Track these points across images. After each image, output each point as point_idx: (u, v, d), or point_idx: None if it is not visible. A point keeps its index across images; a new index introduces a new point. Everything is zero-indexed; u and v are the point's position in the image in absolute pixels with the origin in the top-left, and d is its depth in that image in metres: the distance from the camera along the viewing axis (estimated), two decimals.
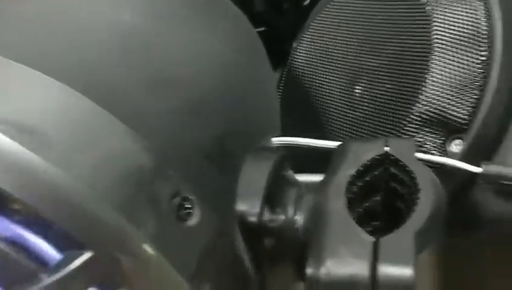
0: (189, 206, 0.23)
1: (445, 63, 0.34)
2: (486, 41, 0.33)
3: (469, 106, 0.33)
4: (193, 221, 0.23)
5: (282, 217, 0.29)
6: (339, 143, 0.32)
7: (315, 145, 0.34)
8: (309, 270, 0.26)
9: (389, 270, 0.24)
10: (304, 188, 0.31)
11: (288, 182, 0.31)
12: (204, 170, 0.26)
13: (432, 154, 0.34)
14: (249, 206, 0.28)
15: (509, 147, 0.33)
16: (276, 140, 0.34)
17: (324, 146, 0.34)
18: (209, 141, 0.27)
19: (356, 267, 0.25)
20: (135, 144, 0.22)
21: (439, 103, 0.34)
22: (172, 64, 0.28)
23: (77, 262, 0.20)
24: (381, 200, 0.32)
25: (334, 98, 0.42)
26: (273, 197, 0.29)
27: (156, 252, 0.22)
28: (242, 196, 0.28)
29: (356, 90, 0.40)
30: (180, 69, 0.28)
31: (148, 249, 0.21)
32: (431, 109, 0.34)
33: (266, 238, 0.28)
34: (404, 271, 0.24)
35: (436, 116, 0.34)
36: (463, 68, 0.33)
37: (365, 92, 0.39)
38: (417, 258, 0.25)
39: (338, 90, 0.41)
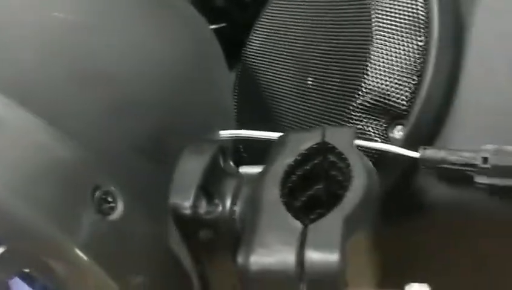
0: (111, 200, 0.24)
1: (384, 51, 0.34)
2: (424, 28, 0.33)
3: (408, 92, 0.33)
4: (115, 215, 0.24)
5: (219, 208, 0.29)
6: (280, 134, 0.33)
7: (258, 137, 0.35)
8: (239, 260, 0.26)
9: (315, 256, 0.25)
10: (244, 179, 0.31)
11: (227, 174, 0.31)
12: (134, 164, 0.26)
13: (375, 141, 0.34)
14: (182, 198, 0.28)
15: (450, 131, 0.33)
16: (220, 134, 0.34)
17: (267, 138, 0.34)
18: (142, 136, 0.27)
19: (283, 255, 0.25)
20: (53, 140, 0.23)
21: (380, 90, 0.34)
22: (102, 62, 0.28)
23: None
24: (324, 188, 0.32)
25: (286, 90, 0.42)
26: (210, 189, 0.29)
27: (78, 247, 0.22)
28: (176, 188, 0.28)
29: (308, 82, 0.40)
30: (110, 66, 0.28)
31: (67, 242, 0.22)
32: (372, 97, 0.34)
33: (202, 231, 0.28)
34: (330, 256, 0.24)
35: (377, 103, 0.34)
36: (402, 55, 0.33)
37: (315, 83, 0.40)
38: (346, 244, 0.25)
39: (290, 82, 0.42)
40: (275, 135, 0.33)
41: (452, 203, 0.32)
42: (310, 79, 0.40)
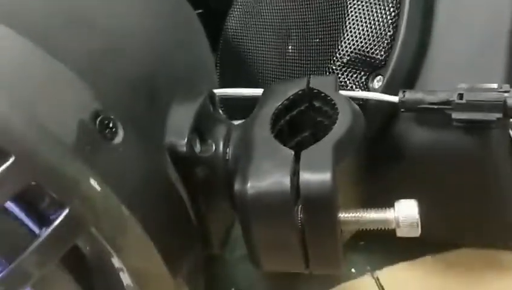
0: (112, 126, 0.24)
1: (361, 6, 0.36)
2: None
3: (385, 43, 0.35)
4: (117, 139, 0.25)
5: (213, 148, 0.30)
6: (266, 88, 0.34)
7: (242, 94, 0.36)
8: (236, 187, 0.27)
9: (309, 176, 0.26)
10: (233, 125, 0.32)
11: (217, 119, 0.32)
12: (129, 100, 0.27)
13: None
14: (177, 137, 0.29)
15: (426, 76, 0.35)
16: (215, 91, 0.35)
17: (252, 94, 0.36)
18: (137, 76, 0.29)
19: (278, 177, 0.26)
20: (53, 65, 0.24)
21: (358, 44, 0.36)
22: (94, 9, 0.29)
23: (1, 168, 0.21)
24: (310, 135, 0.34)
25: (267, 58, 0.43)
26: (203, 131, 0.31)
27: (82, 163, 0.23)
28: (171, 129, 0.29)
29: (289, 48, 0.42)
30: (102, 14, 0.29)
31: (71, 160, 0.22)
32: (351, 51, 0.36)
33: (198, 168, 0.29)
34: (323, 176, 0.26)
35: (356, 56, 0.36)
36: (377, 9, 0.35)
37: (295, 50, 0.41)
38: (337, 167, 0.27)
39: (270, 50, 0.43)
40: (259, 91, 0.35)
41: (430, 144, 0.34)
42: (290, 46, 0.42)
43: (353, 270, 0.40)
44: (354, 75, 0.36)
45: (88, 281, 0.25)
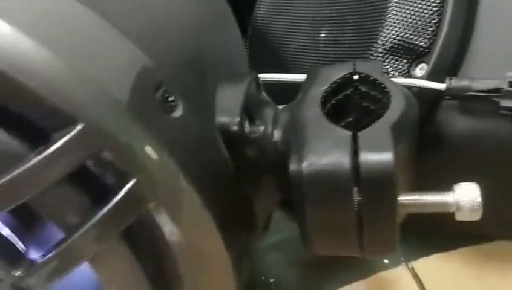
0: (172, 99, 0.24)
1: None
2: None
3: (430, 30, 0.34)
4: (177, 113, 0.24)
5: (260, 129, 0.30)
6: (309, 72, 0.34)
7: (284, 79, 0.36)
8: (292, 167, 0.26)
9: (370, 156, 0.25)
10: (278, 108, 0.32)
11: (264, 102, 0.32)
12: (184, 77, 0.27)
13: None
14: (229, 117, 0.28)
15: (470, 64, 0.34)
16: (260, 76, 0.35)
17: (294, 80, 0.36)
18: (188, 55, 0.28)
19: (337, 157, 0.26)
20: (117, 37, 0.23)
21: (401, 31, 0.35)
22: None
23: (69, 135, 0.20)
24: (354, 121, 0.33)
25: (299, 47, 0.43)
26: (251, 112, 0.30)
27: (147, 134, 0.22)
28: (223, 109, 0.29)
29: (321, 37, 0.41)
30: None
31: (137, 130, 0.22)
32: (393, 38, 0.35)
33: (248, 149, 0.29)
34: (384, 156, 0.25)
35: (398, 43, 0.35)
36: None
37: (329, 38, 0.41)
38: (397, 147, 0.26)
39: (302, 39, 0.43)
40: (302, 77, 0.34)
41: (474, 132, 0.34)
42: (323, 34, 0.42)
43: (385, 261, 0.39)
44: (396, 63, 0.36)
45: (144, 255, 0.24)
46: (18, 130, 0.21)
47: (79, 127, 0.20)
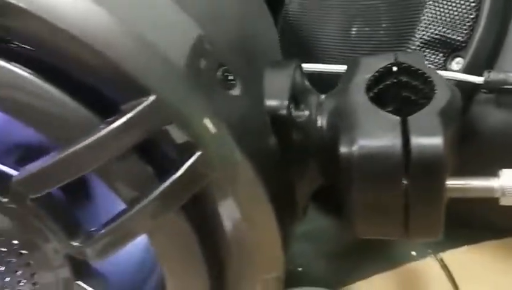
0: (231, 78, 0.24)
1: None
2: None
3: (467, 25, 0.35)
4: (236, 91, 0.25)
5: (306, 112, 0.30)
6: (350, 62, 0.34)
7: (326, 70, 0.36)
8: (343, 149, 0.27)
9: (421, 140, 0.26)
10: (322, 96, 0.32)
11: (307, 89, 0.32)
12: (238, 57, 0.27)
13: None
14: (278, 101, 0.29)
15: (505, 60, 0.35)
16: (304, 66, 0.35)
17: (336, 70, 0.36)
18: (238, 40, 0.29)
19: (389, 139, 0.26)
20: (186, 20, 0.24)
21: (438, 25, 0.36)
22: None
23: (142, 106, 0.21)
24: (394, 110, 0.34)
25: (331, 40, 0.43)
26: (296, 98, 0.31)
27: (211, 109, 0.23)
28: (271, 92, 0.29)
29: (353, 31, 0.42)
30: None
31: (203, 105, 0.22)
32: (430, 33, 0.36)
33: (294, 133, 0.29)
34: (435, 140, 0.26)
35: (435, 37, 0.36)
36: None
37: (361, 31, 0.41)
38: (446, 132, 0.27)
39: (334, 32, 0.43)
40: (342, 68, 0.35)
41: (508, 126, 0.34)
42: (355, 28, 0.42)
43: (413, 253, 0.40)
44: (433, 56, 0.36)
45: (199, 229, 0.24)
46: (91, 101, 0.21)
47: (152, 98, 0.21)
